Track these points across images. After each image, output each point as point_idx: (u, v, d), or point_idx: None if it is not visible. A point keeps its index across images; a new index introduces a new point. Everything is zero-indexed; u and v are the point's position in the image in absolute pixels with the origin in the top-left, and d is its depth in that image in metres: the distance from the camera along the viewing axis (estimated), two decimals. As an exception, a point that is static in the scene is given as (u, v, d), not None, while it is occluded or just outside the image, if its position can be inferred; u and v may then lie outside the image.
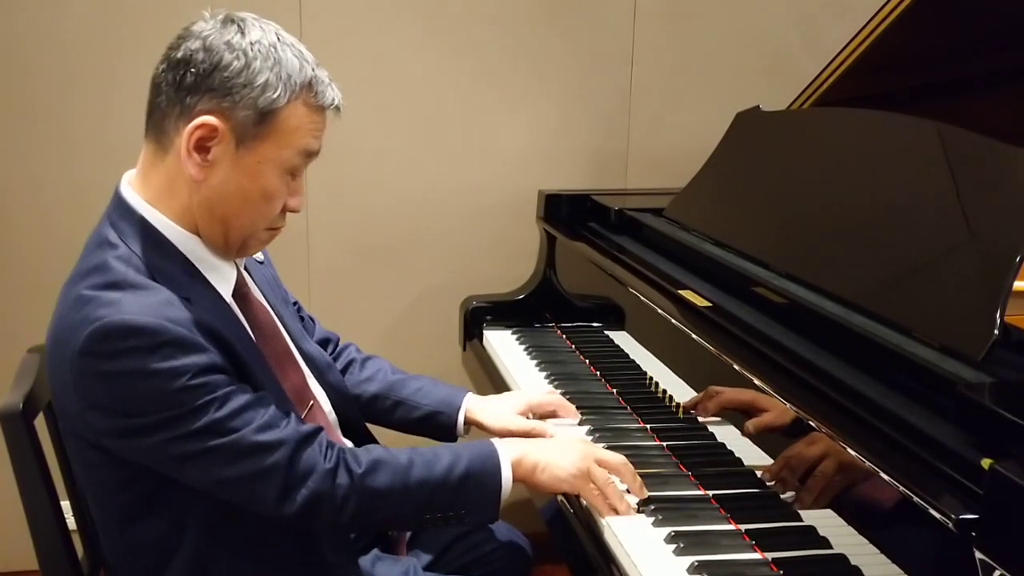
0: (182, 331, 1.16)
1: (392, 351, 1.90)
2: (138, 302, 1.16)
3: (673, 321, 1.61)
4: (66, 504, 1.39)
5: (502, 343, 2.12)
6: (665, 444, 1.57)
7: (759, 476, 1.39)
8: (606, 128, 2.54)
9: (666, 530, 1.30)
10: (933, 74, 1.90)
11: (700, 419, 1.57)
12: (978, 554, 0.93)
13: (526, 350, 2.05)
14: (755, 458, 1.42)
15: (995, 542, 0.92)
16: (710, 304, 1.59)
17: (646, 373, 1.82)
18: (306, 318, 1.66)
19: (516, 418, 1.61)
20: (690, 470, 1.48)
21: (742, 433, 1.46)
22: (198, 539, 1.27)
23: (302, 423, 1.26)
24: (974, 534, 0.94)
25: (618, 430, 1.63)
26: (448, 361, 2.39)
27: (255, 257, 1.46)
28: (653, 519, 1.33)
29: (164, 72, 1.23)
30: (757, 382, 1.35)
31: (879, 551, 1.14)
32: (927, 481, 1.02)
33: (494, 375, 2.01)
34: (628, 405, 1.73)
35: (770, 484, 1.36)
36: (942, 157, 1.41)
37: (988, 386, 1.11)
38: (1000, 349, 1.15)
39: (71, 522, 1.40)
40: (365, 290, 2.50)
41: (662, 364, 1.77)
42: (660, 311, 1.66)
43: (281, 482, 1.20)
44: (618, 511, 1.35)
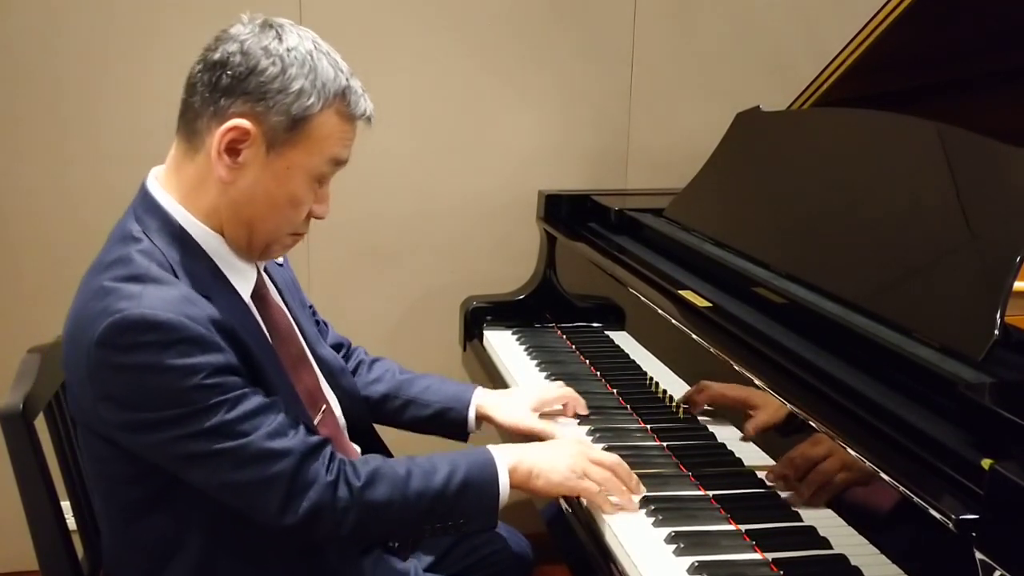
0: (200, 329, 1.16)
1: (392, 351, 1.90)
2: (159, 297, 1.17)
3: (673, 321, 1.61)
4: (66, 504, 1.40)
5: (502, 343, 2.12)
6: (665, 444, 1.57)
7: (759, 476, 1.39)
8: (606, 128, 2.54)
9: (666, 530, 1.30)
10: (933, 74, 1.90)
11: (700, 419, 1.57)
12: (978, 554, 0.92)
13: (526, 350, 2.05)
14: (755, 458, 1.42)
15: (995, 542, 0.92)
16: (710, 304, 1.59)
17: (646, 373, 1.82)
18: (320, 323, 1.66)
19: (530, 416, 1.61)
20: (690, 470, 1.48)
21: (741, 433, 1.46)
22: (203, 540, 1.27)
23: (310, 434, 1.25)
24: (974, 534, 0.94)
25: (618, 430, 1.63)
26: (448, 361, 2.38)
27: (275, 259, 1.46)
28: (653, 519, 1.33)
29: (200, 73, 1.23)
30: (757, 382, 1.35)
31: (879, 551, 1.14)
32: (927, 481, 1.02)
33: (494, 375, 2.01)
34: (628, 405, 1.73)
35: (771, 485, 1.36)
36: (942, 157, 1.41)
37: (988, 386, 1.11)
38: (1000, 349, 1.15)
39: (71, 522, 1.40)
40: (365, 290, 2.50)
41: (662, 364, 1.77)
42: (660, 311, 1.66)
43: (284, 491, 1.20)
44: (620, 503, 1.36)
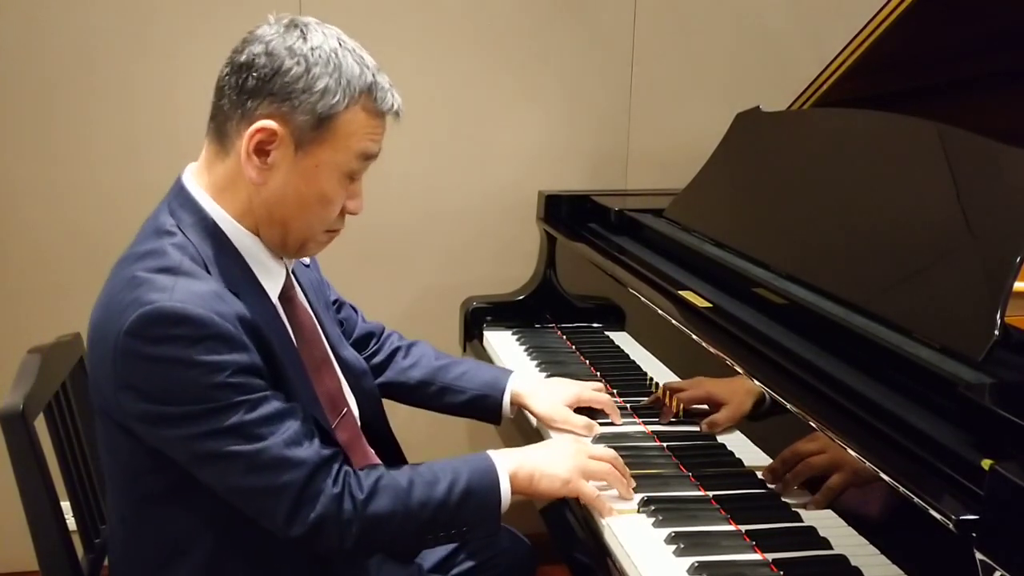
0: (228, 327, 1.17)
1: (392, 351, 1.90)
2: (191, 291, 1.17)
3: (673, 322, 1.61)
4: (66, 504, 1.40)
5: (502, 344, 2.12)
6: (665, 445, 1.57)
7: (759, 477, 1.39)
8: (606, 128, 2.54)
9: (666, 531, 1.30)
10: (933, 74, 1.90)
11: (698, 420, 1.57)
12: (978, 555, 0.93)
13: (526, 351, 2.05)
14: (755, 459, 1.42)
15: (995, 543, 0.92)
16: (710, 305, 1.59)
17: (646, 374, 1.82)
18: (346, 315, 1.68)
19: (564, 409, 1.62)
20: (690, 471, 1.48)
21: (739, 431, 1.46)
22: (213, 538, 1.27)
23: (324, 444, 1.25)
24: (974, 535, 0.94)
25: (618, 431, 1.62)
26: (448, 361, 2.38)
27: (302, 260, 1.46)
28: (653, 519, 1.33)
29: (228, 76, 1.24)
30: (757, 383, 1.35)
31: (879, 552, 1.14)
32: (927, 482, 1.02)
33: (494, 375, 2.01)
34: (628, 406, 1.73)
35: (771, 486, 1.36)
36: (942, 158, 1.41)
37: (988, 387, 1.11)
38: (1000, 350, 1.15)
39: (71, 522, 1.40)
40: (365, 290, 2.49)
41: (662, 365, 1.77)
42: (660, 312, 1.66)
43: (293, 501, 1.19)
44: (621, 495, 1.37)
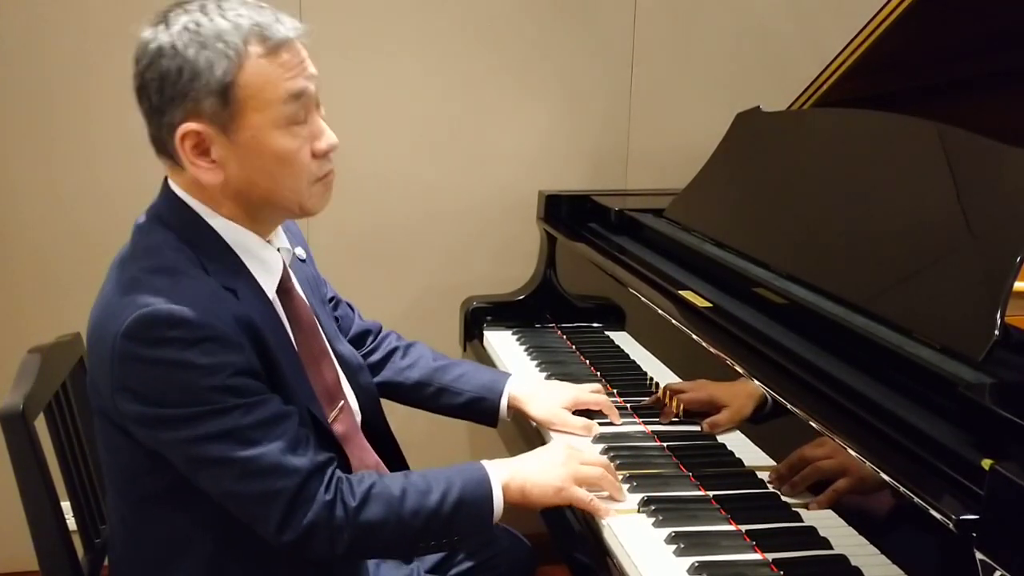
0: (224, 328, 1.17)
1: (392, 351, 1.90)
2: (187, 292, 1.17)
3: (673, 322, 1.61)
4: (66, 504, 1.40)
5: (502, 344, 2.12)
6: (665, 445, 1.57)
7: (760, 477, 1.39)
8: (606, 128, 2.54)
9: (666, 531, 1.30)
10: (933, 74, 1.90)
11: (698, 420, 1.57)
12: (978, 555, 0.93)
13: (526, 351, 2.05)
14: (755, 459, 1.42)
15: (995, 542, 0.92)
16: (710, 305, 1.59)
17: (646, 374, 1.82)
18: (343, 313, 1.67)
19: (562, 411, 1.62)
20: (690, 471, 1.48)
21: (739, 430, 1.46)
22: (213, 539, 1.27)
23: (318, 451, 1.24)
24: (974, 535, 0.94)
25: (618, 431, 1.63)
26: (448, 361, 2.39)
27: (298, 255, 1.46)
28: (653, 519, 1.33)
29: (139, 103, 1.23)
30: (757, 383, 1.35)
31: (879, 552, 1.14)
32: (927, 482, 1.02)
33: (494, 375, 2.01)
34: (628, 406, 1.73)
35: (771, 485, 1.36)
36: (942, 157, 1.41)
37: (988, 387, 1.11)
38: (1000, 350, 1.15)
39: (71, 522, 1.40)
40: (365, 290, 2.49)
41: (662, 364, 1.77)
42: (660, 312, 1.66)
43: (285, 507, 1.19)
44: (616, 500, 1.37)
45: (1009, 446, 1.00)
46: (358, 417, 1.48)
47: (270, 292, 1.31)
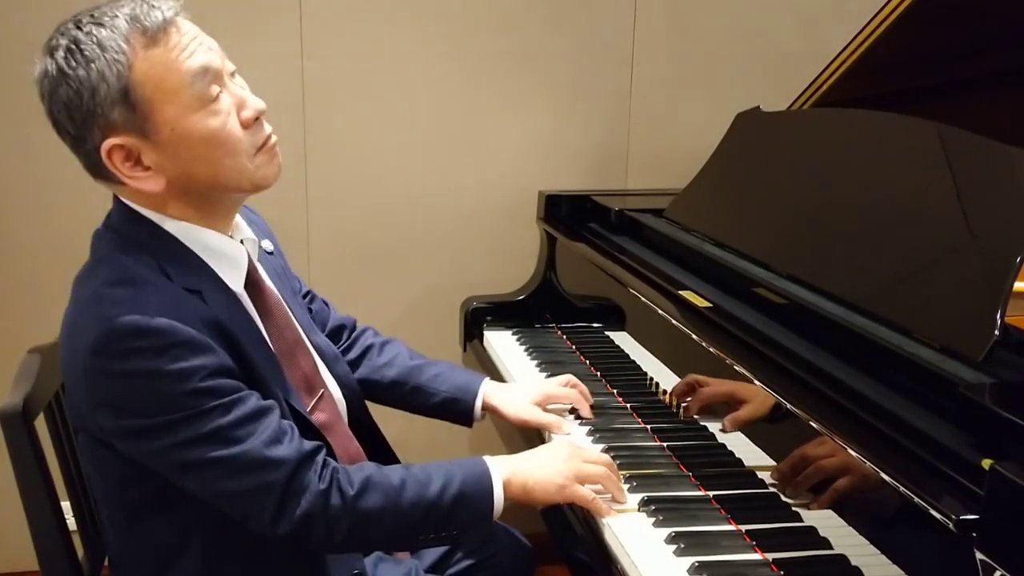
0: (192, 332, 1.16)
1: (392, 351, 1.90)
2: (151, 301, 1.16)
3: (673, 322, 1.61)
4: (66, 504, 1.39)
5: (502, 344, 2.12)
6: (666, 445, 1.57)
7: (760, 477, 1.39)
8: (606, 128, 2.54)
9: (667, 530, 1.30)
10: (933, 74, 1.90)
11: (699, 419, 1.57)
12: (979, 555, 0.92)
13: (526, 351, 2.05)
14: (756, 459, 1.42)
15: (995, 542, 0.92)
16: (710, 305, 1.59)
17: (646, 374, 1.82)
18: (317, 308, 1.66)
19: (533, 408, 1.63)
20: (691, 470, 1.48)
21: (733, 428, 1.46)
22: (205, 543, 1.27)
23: (303, 439, 1.24)
24: (975, 535, 0.94)
25: (619, 431, 1.63)
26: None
27: (264, 247, 1.45)
28: (653, 519, 1.33)
29: (63, 140, 1.23)
30: (757, 383, 1.35)
31: (879, 552, 1.14)
32: (927, 482, 1.02)
33: (495, 376, 2.00)
34: (628, 406, 1.73)
35: (771, 485, 1.36)
36: (942, 157, 1.41)
37: (988, 387, 1.11)
38: (1000, 350, 1.15)
39: (71, 522, 1.40)
40: (365, 290, 2.50)
41: (662, 364, 1.77)
42: (661, 312, 1.66)
43: (278, 499, 1.19)
44: (618, 501, 1.36)
45: (1009, 446, 1.00)
46: (341, 406, 1.48)
47: (237, 287, 1.30)
